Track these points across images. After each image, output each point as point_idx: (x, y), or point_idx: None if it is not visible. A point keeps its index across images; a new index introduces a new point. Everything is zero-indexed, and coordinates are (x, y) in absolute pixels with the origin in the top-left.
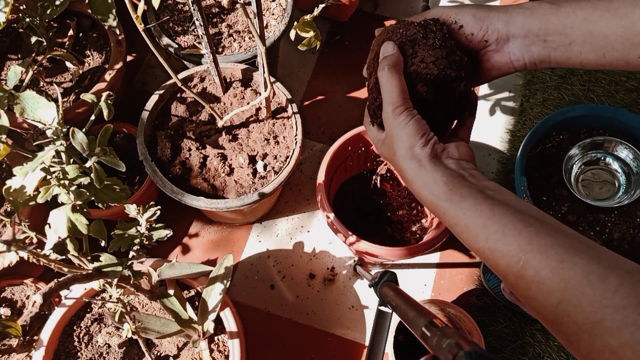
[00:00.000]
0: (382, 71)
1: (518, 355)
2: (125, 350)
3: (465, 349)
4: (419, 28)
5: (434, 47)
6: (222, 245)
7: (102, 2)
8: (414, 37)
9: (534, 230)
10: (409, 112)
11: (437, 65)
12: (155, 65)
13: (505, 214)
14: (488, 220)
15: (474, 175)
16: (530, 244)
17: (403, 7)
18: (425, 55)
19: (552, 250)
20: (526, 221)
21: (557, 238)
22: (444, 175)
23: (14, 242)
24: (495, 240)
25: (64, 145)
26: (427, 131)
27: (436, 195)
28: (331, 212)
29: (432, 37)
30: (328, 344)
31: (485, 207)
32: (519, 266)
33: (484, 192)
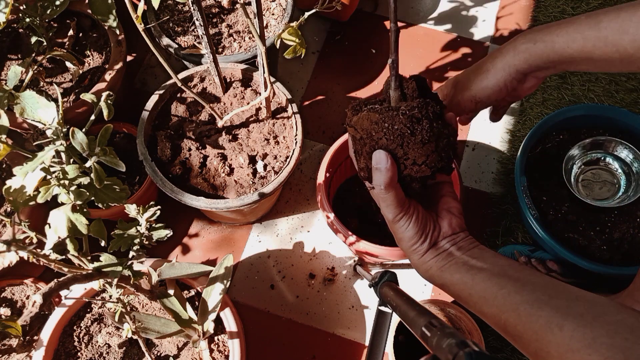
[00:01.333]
0: (379, 189)
1: (518, 355)
2: (125, 350)
3: (465, 349)
4: (405, 121)
5: (423, 142)
6: (222, 245)
7: (102, 2)
8: (401, 133)
9: (506, 292)
10: (407, 217)
11: (429, 164)
12: (155, 65)
13: (484, 281)
14: (472, 290)
15: (462, 247)
16: (505, 305)
17: (403, 7)
18: (416, 156)
19: (522, 308)
20: (500, 284)
21: (524, 294)
22: (437, 261)
23: (14, 242)
24: (480, 305)
25: (64, 145)
26: (425, 229)
27: (433, 276)
28: (331, 212)
29: (420, 130)
30: (328, 344)
31: (469, 278)
32: (502, 323)
33: (467, 264)
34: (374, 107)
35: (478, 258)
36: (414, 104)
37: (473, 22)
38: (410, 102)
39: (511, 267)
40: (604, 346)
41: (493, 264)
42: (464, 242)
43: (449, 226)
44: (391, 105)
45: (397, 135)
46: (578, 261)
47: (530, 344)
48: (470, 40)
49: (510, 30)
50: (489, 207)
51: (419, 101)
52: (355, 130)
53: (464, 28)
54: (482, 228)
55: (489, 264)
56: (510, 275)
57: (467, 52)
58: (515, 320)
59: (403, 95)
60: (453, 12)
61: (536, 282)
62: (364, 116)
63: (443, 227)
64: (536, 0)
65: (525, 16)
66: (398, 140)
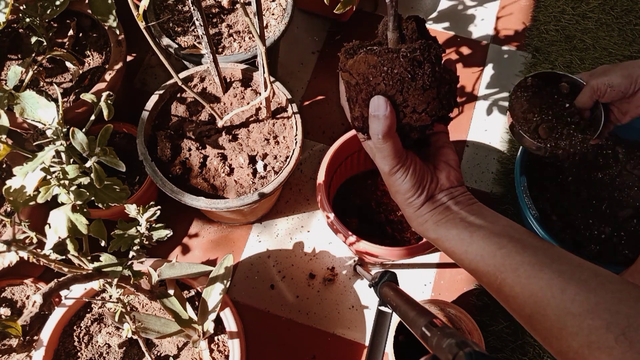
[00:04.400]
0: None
1: (518, 355)
2: (125, 350)
3: (465, 349)
4: (405, 65)
5: (424, 88)
6: (222, 245)
7: (102, 2)
8: (401, 78)
9: (506, 252)
10: (405, 169)
11: (430, 111)
12: (155, 65)
13: (482, 239)
14: (469, 247)
15: (460, 202)
16: (504, 264)
17: (403, 7)
18: (416, 104)
19: (522, 269)
20: (499, 243)
21: (525, 256)
22: (433, 215)
23: (14, 242)
24: (476, 263)
25: (64, 145)
26: (422, 181)
27: (428, 230)
28: (331, 212)
29: (421, 75)
30: (328, 344)
31: (466, 235)
32: (497, 284)
33: (465, 220)
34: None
35: (477, 215)
36: (415, 46)
37: (473, 21)
38: (410, 44)
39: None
40: (607, 312)
41: (493, 222)
42: (462, 197)
43: (446, 179)
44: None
45: (396, 80)
46: None
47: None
48: (470, 40)
49: (510, 30)
50: (489, 207)
51: (420, 42)
52: (350, 75)
53: (464, 28)
54: None
55: (488, 222)
56: (511, 236)
57: (467, 52)
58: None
59: (402, 37)
60: (453, 12)
61: (538, 245)
62: (360, 59)
63: (441, 179)
64: (536, 0)
65: (525, 16)
66: (397, 86)
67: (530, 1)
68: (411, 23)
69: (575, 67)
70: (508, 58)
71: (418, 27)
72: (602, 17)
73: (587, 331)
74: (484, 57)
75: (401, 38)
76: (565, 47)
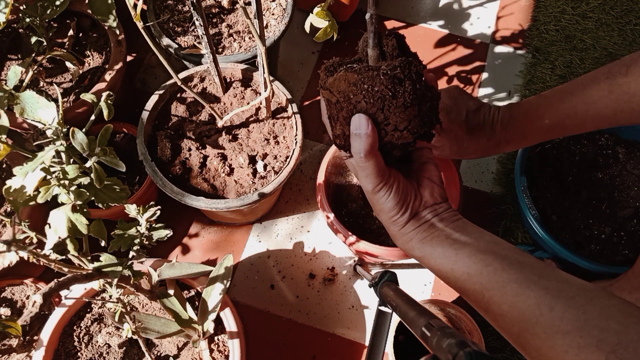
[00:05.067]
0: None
1: (518, 355)
2: (125, 350)
3: (465, 349)
4: (386, 83)
5: (405, 106)
6: (222, 245)
7: (102, 2)
8: (382, 96)
9: (492, 270)
10: (388, 187)
11: (411, 129)
12: (155, 65)
13: (468, 257)
14: (455, 265)
15: (445, 219)
16: (490, 282)
17: (403, 7)
18: (398, 122)
19: (508, 287)
20: (485, 261)
21: (511, 273)
22: (418, 233)
23: (14, 242)
24: (462, 281)
25: (64, 145)
26: (406, 199)
27: (413, 248)
28: (331, 212)
29: (402, 93)
30: (328, 344)
31: (452, 252)
32: (484, 302)
33: (450, 238)
34: (352, 66)
35: (462, 232)
36: (395, 63)
37: (473, 22)
38: (390, 61)
39: (497, 244)
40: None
41: (478, 239)
42: (446, 213)
43: (430, 195)
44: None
45: (377, 98)
46: (578, 261)
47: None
48: (470, 40)
49: (510, 30)
50: (489, 207)
51: (400, 60)
52: (330, 93)
53: (464, 27)
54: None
55: (473, 239)
56: (497, 253)
57: (467, 52)
58: (501, 298)
59: (382, 54)
60: (453, 12)
61: (524, 261)
62: (340, 77)
63: (424, 196)
64: (536, 0)
65: (525, 16)
66: (378, 104)
67: (530, 1)
68: (391, 40)
69: (575, 67)
70: (508, 58)
71: (398, 44)
72: (602, 17)
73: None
74: (483, 57)
75: (382, 55)
76: (565, 47)
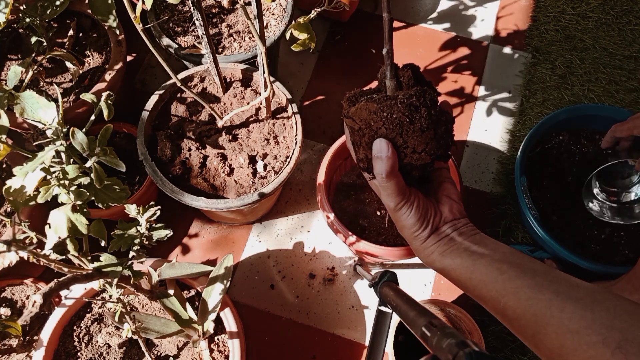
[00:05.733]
0: (381, 177)
1: (518, 355)
2: (125, 350)
3: (465, 349)
4: (403, 110)
5: (422, 130)
6: (222, 245)
7: (102, 2)
8: (400, 122)
9: (507, 277)
10: (409, 205)
11: (429, 151)
12: (155, 65)
13: (484, 266)
14: (472, 274)
15: (463, 233)
16: (505, 288)
17: (403, 7)
18: (416, 145)
19: (522, 292)
20: (500, 269)
21: (524, 279)
22: (439, 246)
23: (14, 242)
24: (480, 289)
25: (64, 145)
26: (426, 215)
27: (434, 261)
28: (331, 212)
29: (418, 118)
30: (328, 344)
31: (469, 263)
32: (500, 307)
33: (469, 250)
34: (371, 97)
35: (479, 244)
36: (411, 92)
37: (473, 22)
38: (407, 90)
39: (512, 254)
40: (603, 327)
41: (494, 250)
42: (465, 228)
43: (449, 212)
44: (388, 94)
45: (396, 124)
46: (578, 261)
47: (528, 326)
48: (470, 40)
49: (510, 30)
50: (489, 207)
51: (416, 89)
52: (353, 122)
53: (464, 28)
54: (482, 228)
55: (490, 250)
56: (511, 262)
57: (466, 52)
58: (515, 303)
59: (399, 84)
60: (453, 12)
61: (537, 269)
62: (361, 106)
63: (444, 212)
64: (536, 0)
65: (525, 16)
66: (397, 129)
67: (530, 1)
68: (407, 71)
69: (575, 67)
70: (508, 58)
71: (414, 75)
72: (602, 17)
73: (585, 347)
74: (484, 57)
75: (398, 85)
76: (565, 47)
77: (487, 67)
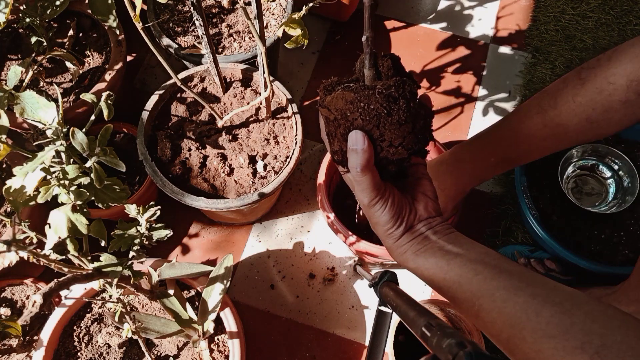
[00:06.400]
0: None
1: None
2: (125, 350)
3: (465, 349)
4: (381, 101)
5: (399, 123)
6: (222, 245)
7: (102, 2)
8: (377, 113)
9: (482, 278)
10: (383, 201)
11: (406, 145)
12: (155, 65)
13: (459, 266)
14: (447, 275)
15: (438, 231)
16: (480, 290)
17: (403, 7)
18: (393, 138)
19: (497, 293)
20: (475, 270)
21: (500, 280)
22: (412, 245)
23: (14, 242)
24: (454, 290)
25: (64, 145)
26: (401, 212)
27: (407, 260)
28: (331, 212)
29: (396, 111)
30: (328, 344)
31: (444, 263)
32: (475, 309)
33: (443, 249)
34: (348, 85)
35: (454, 243)
36: (390, 83)
37: (473, 22)
38: (386, 81)
39: (488, 254)
40: (581, 332)
41: (469, 250)
42: (440, 226)
43: (424, 209)
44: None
45: (373, 116)
46: (578, 261)
47: (503, 330)
48: (470, 40)
49: (510, 30)
50: (489, 207)
51: (395, 80)
52: (328, 111)
53: (464, 28)
54: (482, 228)
55: (465, 250)
56: (486, 262)
57: (466, 52)
58: (490, 305)
59: (378, 74)
60: (453, 12)
61: (513, 270)
62: (338, 95)
63: (419, 210)
64: (536, 0)
65: (525, 16)
66: (374, 121)
67: (530, 1)
68: (387, 60)
69: (575, 67)
70: (508, 58)
71: (393, 65)
72: (602, 17)
73: (563, 352)
74: (483, 57)
75: (377, 75)
76: (565, 47)
77: (487, 67)
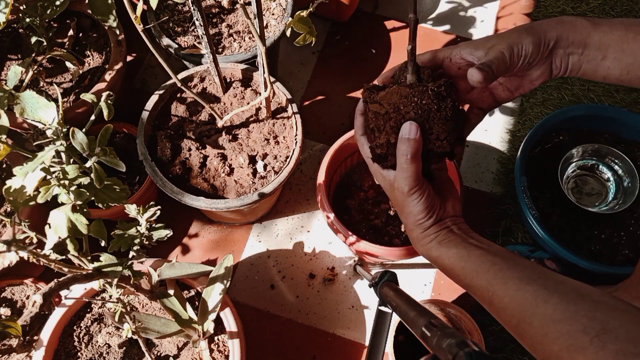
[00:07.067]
0: (404, 157)
1: (518, 355)
2: (125, 350)
3: (465, 349)
4: (432, 97)
5: (446, 119)
6: (222, 245)
7: (102, 2)
8: (428, 108)
9: (498, 268)
10: (421, 191)
11: (449, 140)
12: (155, 65)
13: (478, 257)
14: (466, 263)
15: (462, 229)
16: (495, 278)
17: (403, 7)
18: (439, 132)
19: (511, 282)
20: (493, 261)
21: (514, 271)
22: (438, 236)
23: (14, 242)
24: (471, 278)
25: (64, 145)
26: (433, 206)
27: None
28: (331, 212)
29: (444, 107)
30: (328, 344)
31: (464, 252)
32: (489, 296)
33: (466, 241)
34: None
35: (476, 239)
36: (440, 82)
37: (473, 22)
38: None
39: (506, 251)
40: (585, 318)
41: (489, 245)
42: (463, 225)
43: (452, 208)
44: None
45: (424, 110)
46: (578, 261)
47: (513, 315)
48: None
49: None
50: (489, 207)
51: (444, 80)
52: (379, 106)
53: (464, 28)
54: (482, 228)
55: (485, 245)
56: (503, 256)
57: None
58: (503, 292)
59: (419, 80)
60: (453, 13)
61: (527, 264)
62: (393, 90)
63: (447, 207)
64: (536, 0)
65: (525, 16)
66: (425, 115)
67: (530, 1)
68: (427, 70)
69: None
70: None
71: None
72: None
73: (566, 335)
74: None
75: (419, 80)
76: None
77: None
